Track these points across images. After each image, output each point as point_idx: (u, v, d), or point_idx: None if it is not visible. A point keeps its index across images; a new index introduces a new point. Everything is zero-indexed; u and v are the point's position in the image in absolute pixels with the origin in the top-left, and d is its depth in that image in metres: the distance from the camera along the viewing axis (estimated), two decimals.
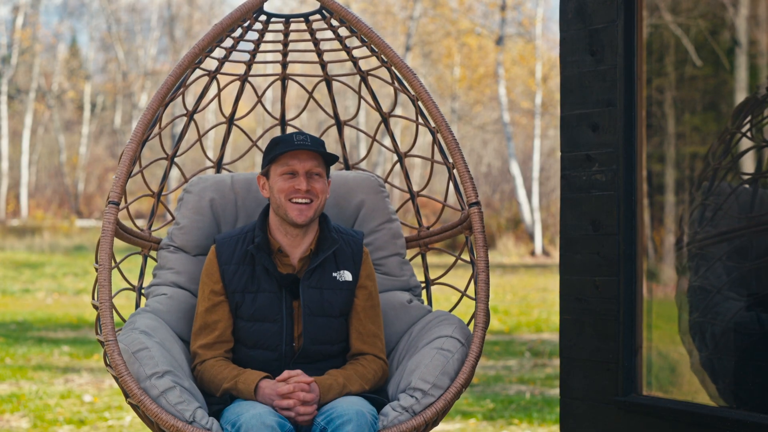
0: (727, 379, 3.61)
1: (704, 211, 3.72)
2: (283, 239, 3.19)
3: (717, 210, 3.68)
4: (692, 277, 3.74)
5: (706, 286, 3.66)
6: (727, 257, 3.63)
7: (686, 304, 3.74)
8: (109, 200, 3.09)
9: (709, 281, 3.66)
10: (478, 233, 3.26)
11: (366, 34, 3.42)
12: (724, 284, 3.61)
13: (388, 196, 3.67)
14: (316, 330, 3.15)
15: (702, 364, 3.68)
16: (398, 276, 3.57)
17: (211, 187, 3.56)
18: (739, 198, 3.65)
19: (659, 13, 3.90)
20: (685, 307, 3.74)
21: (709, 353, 3.63)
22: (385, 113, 3.80)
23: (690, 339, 3.72)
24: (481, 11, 28.29)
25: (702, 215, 3.72)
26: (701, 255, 3.72)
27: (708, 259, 3.69)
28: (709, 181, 3.71)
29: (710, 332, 3.63)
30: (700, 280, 3.70)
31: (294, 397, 2.96)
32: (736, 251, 3.63)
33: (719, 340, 3.61)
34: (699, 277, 3.71)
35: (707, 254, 3.70)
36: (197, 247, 3.50)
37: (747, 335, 3.56)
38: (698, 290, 3.70)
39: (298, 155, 3.13)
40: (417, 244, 3.74)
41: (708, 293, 3.65)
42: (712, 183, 3.71)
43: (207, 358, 3.15)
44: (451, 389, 3.07)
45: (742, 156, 3.71)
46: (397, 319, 3.46)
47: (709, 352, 3.63)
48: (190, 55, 3.32)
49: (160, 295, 3.41)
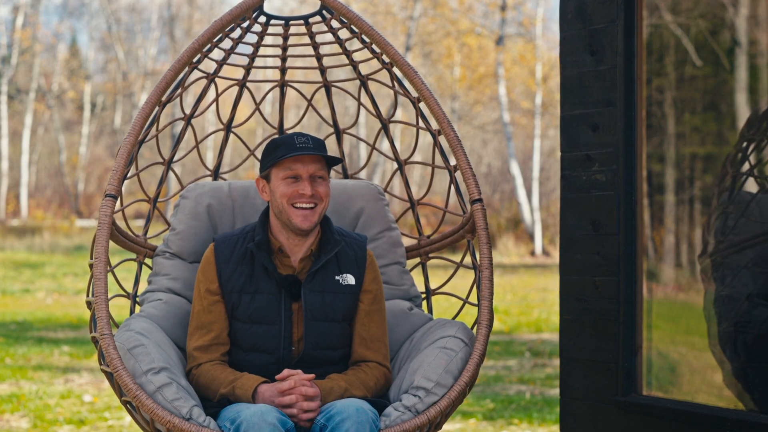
0: (763, 386, 3.54)
1: (726, 220, 3.66)
2: (285, 240, 3.11)
3: (739, 218, 3.63)
4: (718, 287, 3.67)
5: (734, 295, 3.59)
6: (753, 264, 3.57)
7: (714, 315, 3.66)
8: (106, 193, 3.05)
9: (737, 290, 3.59)
10: (481, 230, 3.22)
11: (367, 32, 3.41)
12: (752, 291, 3.55)
13: (388, 204, 3.61)
14: (318, 335, 3.06)
15: (735, 374, 3.60)
16: (398, 285, 3.51)
17: (208, 192, 3.50)
18: (760, 204, 3.61)
19: (659, 13, 3.90)
20: (713, 318, 3.66)
21: (742, 362, 3.56)
22: (385, 119, 3.75)
23: (720, 350, 3.64)
24: (481, 11, 28.30)
25: (724, 224, 3.67)
26: (726, 264, 3.66)
27: (733, 268, 3.63)
28: (729, 190, 3.67)
29: (741, 341, 3.56)
30: (727, 289, 3.63)
31: (296, 392, 2.87)
32: (762, 257, 3.57)
33: (751, 348, 3.54)
34: (726, 287, 3.64)
35: (732, 263, 3.64)
36: (193, 253, 3.43)
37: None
38: (726, 300, 3.63)
39: (301, 159, 3.04)
40: (417, 254, 3.67)
41: (736, 302, 3.58)
42: (731, 191, 3.66)
43: (203, 361, 3.05)
44: (455, 388, 2.99)
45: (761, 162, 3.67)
46: (398, 326, 3.39)
47: (742, 361, 3.56)
48: (190, 51, 3.31)
49: (156, 300, 3.33)
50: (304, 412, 2.88)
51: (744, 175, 3.66)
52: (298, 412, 2.87)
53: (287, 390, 2.88)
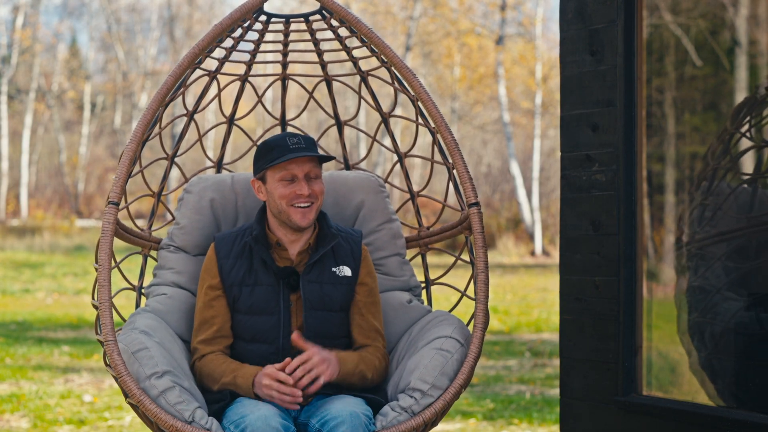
0: (727, 379, 3.61)
1: (703, 211, 3.71)
2: (282, 235, 3.21)
3: (716, 210, 3.67)
4: (691, 277, 3.74)
5: (706, 286, 3.66)
6: (726, 257, 3.63)
7: (685, 304, 3.74)
8: (108, 200, 3.09)
9: (709, 281, 3.66)
10: (478, 234, 3.27)
11: (366, 34, 3.42)
12: (723, 284, 3.60)
13: (388, 197, 3.67)
14: (318, 323, 3.16)
15: (701, 364, 3.67)
16: (398, 276, 3.57)
17: (211, 187, 3.57)
18: (738, 198, 3.64)
19: (659, 13, 3.90)
20: (685, 307, 3.74)
21: (709, 353, 3.63)
22: (385, 113, 3.79)
23: (689, 339, 3.72)
24: (481, 11, 28.30)
25: (701, 215, 3.72)
26: (700, 255, 3.72)
27: (707, 259, 3.69)
28: (708, 181, 3.71)
29: (709, 332, 3.63)
30: (700, 280, 3.69)
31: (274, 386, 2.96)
32: (735, 251, 3.63)
33: (719, 340, 3.60)
34: (698, 277, 3.70)
35: (706, 254, 3.70)
36: (197, 246, 3.51)
37: (746, 335, 3.56)
38: (698, 290, 3.70)
39: (295, 160, 3.14)
40: (417, 245, 3.74)
41: (707, 293, 3.65)
42: (711, 183, 3.70)
43: (206, 353, 3.16)
44: (450, 390, 3.07)
45: (742, 156, 3.71)
46: (397, 319, 3.46)
47: (708, 352, 3.63)
48: (190, 56, 3.32)
49: (160, 294, 3.41)
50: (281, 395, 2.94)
51: (724, 169, 3.69)
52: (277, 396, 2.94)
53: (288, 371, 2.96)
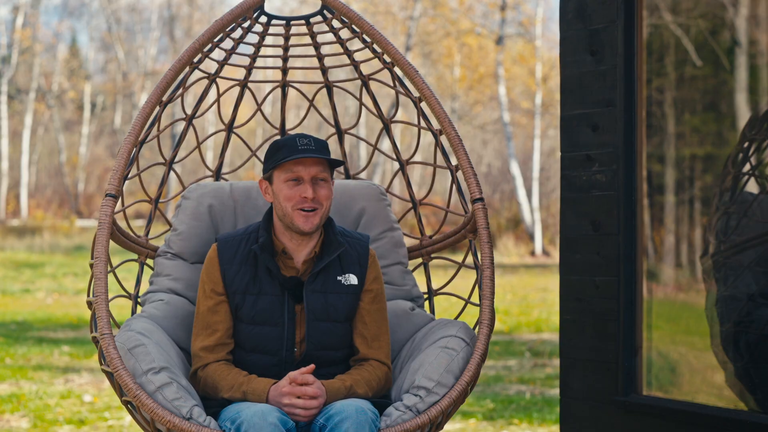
0: (766, 387, 3.53)
1: (728, 221, 3.66)
2: (288, 242, 3.11)
3: (741, 218, 3.63)
4: (721, 288, 3.66)
5: (737, 295, 3.58)
6: (755, 264, 3.57)
7: (716, 316, 3.66)
8: (106, 193, 3.05)
9: (739, 290, 3.58)
10: (483, 229, 3.21)
11: (368, 31, 3.41)
12: (755, 292, 3.54)
13: (390, 205, 3.61)
14: (320, 335, 3.06)
15: (738, 375, 3.60)
16: (400, 285, 3.50)
17: (209, 193, 3.50)
18: (762, 204, 3.60)
19: (659, 13, 3.90)
20: (716, 318, 3.66)
21: (745, 363, 3.55)
22: (387, 119, 3.75)
23: (722, 351, 3.64)
24: (481, 11, 28.30)
25: (726, 225, 3.67)
26: (728, 265, 3.65)
27: (736, 269, 3.62)
28: (731, 190, 3.67)
29: (744, 341, 3.55)
30: (730, 289, 3.62)
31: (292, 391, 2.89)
32: (763, 258, 3.57)
33: (754, 348, 3.53)
34: (728, 287, 3.63)
35: (734, 263, 3.63)
36: (195, 254, 3.43)
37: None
38: (729, 300, 3.63)
39: (303, 161, 3.03)
40: (419, 254, 3.67)
41: (739, 302, 3.57)
42: (733, 191, 3.66)
43: (210, 361, 3.06)
44: (456, 387, 2.99)
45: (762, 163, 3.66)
46: (400, 327, 3.39)
47: (744, 362, 3.56)
48: (190, 50, 3.31)
49: (157, 301, 3.33)
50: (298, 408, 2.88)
51: (746, 175, 3.66)
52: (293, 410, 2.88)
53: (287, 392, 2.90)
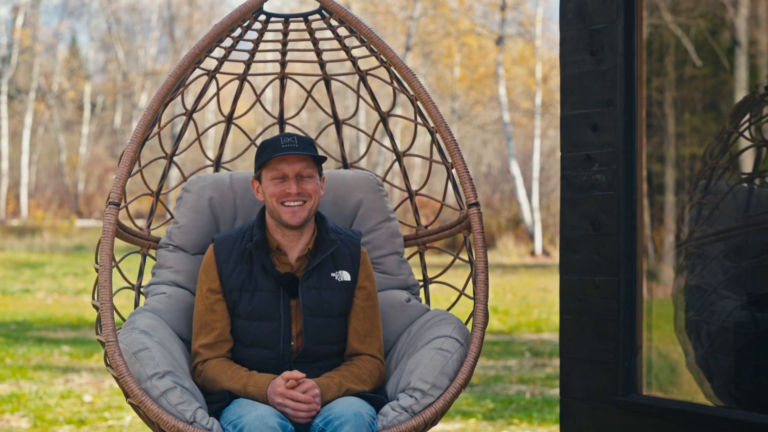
0: (723, 377, 3.61)
1: (701, 210, 3.72)
2: (281, 238, 3.20)
3: (714, 209, 3.68)
4: (689, 276, 3.74)
5: (703, 285, 3.66)
6: (723, 256, 3.63)
7: (682, 303, 3.74)
8: (109, 201, 3.10)
9: (706, 280, 3.66)
10: (477, 234, 3.27)
11: (365, 34, 3.42)
12: (720, 283, 3.61)
13: (387, 195, 3.67)
14: (316, 330, 3.15)
15: (697, 362, 3.68)
16: (396, 275, 3.58)
17: (210, 185, 3.57)
18: (736, 197, 3.64)
19: (659, 13, 3.90)
20: (682, 305, 3.74)
21: (705, 352, 3.63)
22: (384, 113, 3.79)
23: (686, 337, 3.72)
24: (481, 11, 28.30)
25: (699, 214, 3.72)
26: (698, 254, 3.72)
27: (704, 258, 3.69)
28: (707, 180, 3.71)
29: (705, 331, 3.63)
30: (697, 278, 3.70)
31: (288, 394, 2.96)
32: (732, 250, 3.63)
33: (715, 338, 3.61)
34: (695, 276, 3.71)
35: (704, 253, 3.70)
36: (196, 245, 3.51)
37: (742, 334, 3.56)
38: (694, 289, 3.70)
39: (286, 159, 3.15)
40: (415, 243, 3.75)
41: (704, 292, 3.65)
42: (709, 182, 3.71)
43: (209, 357, 3.15)
44: (450, 389, 3.07)
45: (740, 155, 3.71)
46: (396, 318, 3.47)
47: (704, 350, 3.63)
48: (190, 56, 3.32)
49: (159, 294, 3.42)
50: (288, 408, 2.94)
51: (722, 168, 3.69)
52: (291, 413, 2.94)
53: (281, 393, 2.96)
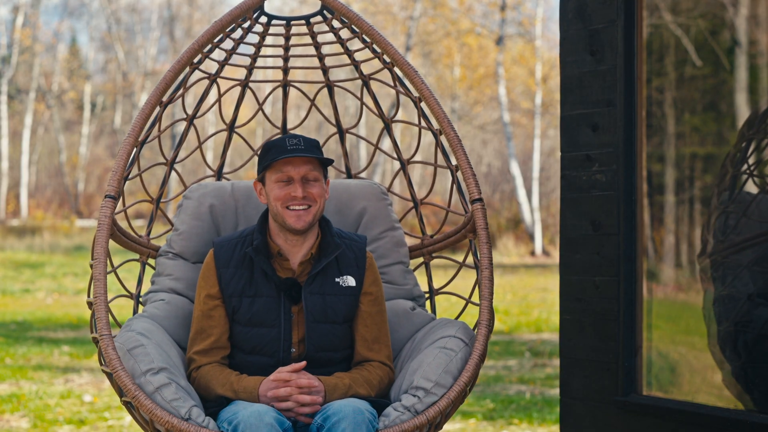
0: (763, 386, 3.53)
1: (726, 220, 3.65)
2: (283, 243, 3.12)
3: (740, 218, 3.62)
4: (719, 287, 3.66)
5: (735, 295, 3.58)
6: (753, 264, 3.56)
7: (714, 315, 3.65)
8: (106, 194, 3.06)
9: (737, 290, 3.57)
10: (481, 230, 3.22)
11: (367, 32, 3.41)
12: (752, 291, 3.54)
13: (391, 204, 3.61)
14: (320, 337, 3.08)
15: (735, 375, 3.59)
16: (401, 285, 3.51)
17: (210, 193, 3.51)
18: (760, 204, 3.60)
19: (659, 13, 3.90)
20: (713, 318, 3.65)
21: (743, 363, 3.55)
22: (388, 119, 3.75)
23: (720, 351, 3.63)
24: (481, 11, 28.30)
25: (725, 224, 3.66)
26: (726, 264, 3.64)
27: (734, 268, 3.61)
28: (729, 189, 3.67)
29: (742, 341, 3.55)
30: (728, 289, 3.61)
31: (292, 401, 2.92)
32: (762, 257, 3.56)
33: (752, 348, 3.53)
34: (726, 287, 3.62)
35: (732, 263, 3.62)
36: (196, 253, 3.44)
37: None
38: (726, 300, 3.62)
39: (292, 161, 3.06)
40: (421, 254, 3.67)
41: (737, 302, 3.57)
42: (732, 191, 3.66)
43: (203, 363, 3.08)
44: (454, 388, 3.00)
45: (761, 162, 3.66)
46: (401, 326, 3.39)
47: (742, 361, 3.55)
48: (190, 51, 3.31)
49: (158, 300, 3.35)
50: (301, 405, 2.91)
51: (744, 174, 3.66)
52: (294, 406, 2.90)
53: (284, 396, 2.92)
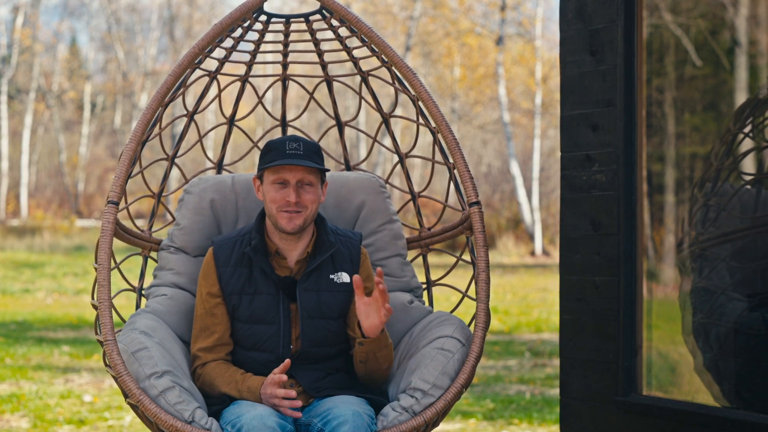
0: (732, 380, 3.60)
1: (707, 213, 3.70)
2: (279, 242, 3.19)
3: (720, 211, 3.66)
4: (696, 279, 3.72)
5: (710, 287, 3.64)
6: (730, 258, 3.62)
7: (690, 306, 3.72)
8: (108, 200, 3.09)
9: (713, 282, 3.64)
10: (479, 233, 3.26)
11: (366, 34, 3.42)
12: (728, 285, 3.59)
13: (389, 197, 3.66)
14: (315, 332, 3.14)
15: (706, 365, 3.66)
16: (399, 277, 3.56)
17: (211, 187, 3.56)
18: (741, 199, 3.64)
19: (659, 13, 3.90)
20: (689, 308, 3.72)
21: (714, 354, 3.61)
22: (386, 114, 3.79)
23: (693, 340, 3.70)
24: (481, 11, 28.30)
25: (705, 216, 3.71)
26: (704, 256, 3.71)
27: (711, 261, 3.68)
28: (712, 182, 3.70)
29: (714, 333, 3.61)
30: (704, 281, 3.68)
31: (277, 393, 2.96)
32: (739, 252, 3.61)
33: (724, 341, 3.59)
34: (703, 279, 3.69)
35: (710, 255, 3.69)
36: (197, 248, 3.50)
37: (752, 336, 3.55)
38: (702, 291, 3.68)
39: (288, 165, 3.12)
40: (418, 245, 3.73)
41: (712, 294, 3.63)
42: (714, 184, 3.70)
43: (208, 360, 3.16)
44: (451, 389, 3.06)
45: (745, 157, 3.70)
46: (398, 320, 3.45)
47: (713, 353, 3.61)
48: (190, 55, 3.32)
49: (160, 295, 3.40)
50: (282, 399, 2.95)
51: (727, 169, 3.69)
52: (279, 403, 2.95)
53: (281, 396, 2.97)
